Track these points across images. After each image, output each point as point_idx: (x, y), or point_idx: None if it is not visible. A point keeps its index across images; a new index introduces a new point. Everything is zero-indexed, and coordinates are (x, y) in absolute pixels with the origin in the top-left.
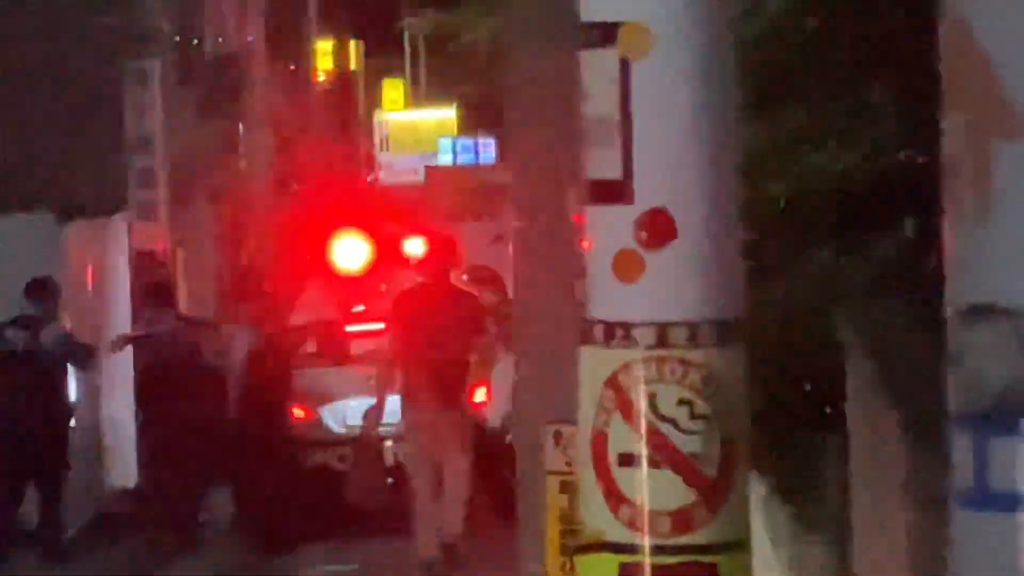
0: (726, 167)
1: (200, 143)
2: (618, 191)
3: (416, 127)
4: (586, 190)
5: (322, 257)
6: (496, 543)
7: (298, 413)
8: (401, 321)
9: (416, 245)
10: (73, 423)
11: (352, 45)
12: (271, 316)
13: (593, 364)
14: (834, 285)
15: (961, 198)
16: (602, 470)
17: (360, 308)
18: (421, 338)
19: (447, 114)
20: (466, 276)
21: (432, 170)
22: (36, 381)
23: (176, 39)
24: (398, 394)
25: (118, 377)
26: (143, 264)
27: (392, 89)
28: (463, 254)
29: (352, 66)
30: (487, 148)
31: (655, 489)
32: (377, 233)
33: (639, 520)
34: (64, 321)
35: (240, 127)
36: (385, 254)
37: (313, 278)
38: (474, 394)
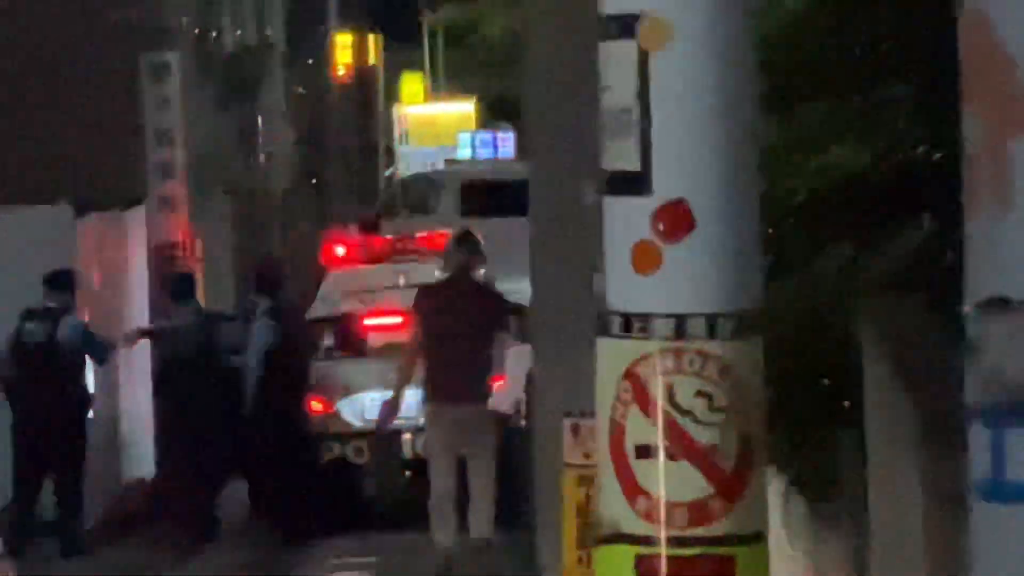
0: (745, 159)
1: (219, 136)
2: (637, 183)
3: (435, 121)
4: (604, 181)
5: (340, 249)
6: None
7: (316, 406)
8: (423, 316)
9: (437, 240)
10: (91, 415)
11: (371, 39)
12: (289, 309)
13: (611, 356)
14: (852, 280)
15: (979, 193)
16: (619, 462)
17: (379, 296)
18: (444, 333)
19: (466, 108)
20: None
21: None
22: (55, 373)
23: (195, 32)
24: (418, 388)
25: (136, 370)
26: (163, 257)
27: (411, 83)
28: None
29: (371, 60)
30: (506, 142)
31: (672, 481)
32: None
33: (656, 512)
34: (82, 314)
35: (259, 120)
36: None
37: (331, 270)
38: (494, 387)
